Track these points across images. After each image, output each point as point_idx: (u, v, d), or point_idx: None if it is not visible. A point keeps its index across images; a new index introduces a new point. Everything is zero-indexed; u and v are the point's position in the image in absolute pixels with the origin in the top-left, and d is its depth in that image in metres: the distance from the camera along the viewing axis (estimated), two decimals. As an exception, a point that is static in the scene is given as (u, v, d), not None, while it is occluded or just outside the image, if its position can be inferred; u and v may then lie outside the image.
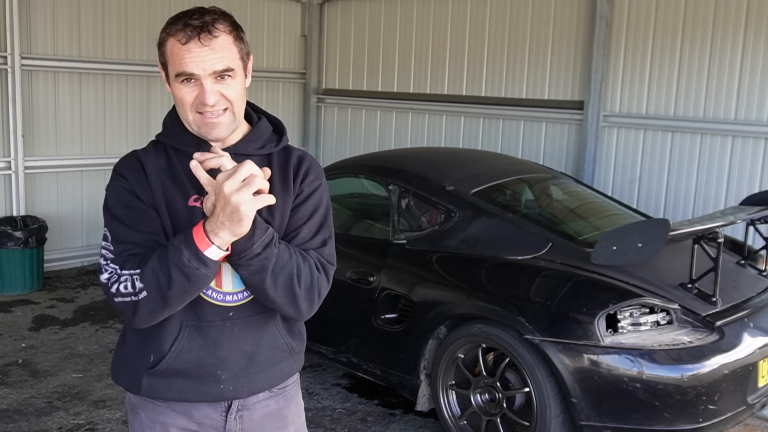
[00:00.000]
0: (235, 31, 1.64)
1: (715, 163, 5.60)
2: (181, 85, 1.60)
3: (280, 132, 1.79)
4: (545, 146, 6.63)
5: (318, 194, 1.76)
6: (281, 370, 1.80)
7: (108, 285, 1.59)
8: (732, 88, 5.47)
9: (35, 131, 6.54)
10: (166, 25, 1.65)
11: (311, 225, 1.71)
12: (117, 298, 1.57)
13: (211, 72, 1.58)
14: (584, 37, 6.27)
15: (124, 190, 1.66)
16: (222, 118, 1.62)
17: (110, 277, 1.59)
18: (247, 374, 1.73)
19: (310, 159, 1.80)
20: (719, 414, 3.22)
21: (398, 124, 7.81)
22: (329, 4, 8.37)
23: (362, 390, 4.47)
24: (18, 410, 4.04)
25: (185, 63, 1.57)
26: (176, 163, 1.69)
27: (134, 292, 1.55)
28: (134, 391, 1.75)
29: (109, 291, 1.59)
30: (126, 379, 1.76)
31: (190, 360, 1.68)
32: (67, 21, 6.60)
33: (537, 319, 3.34)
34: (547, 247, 3.74)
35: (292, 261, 1.62)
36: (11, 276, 6.05)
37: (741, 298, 3.64)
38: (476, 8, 7.04)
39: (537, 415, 3.34)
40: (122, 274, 1.57)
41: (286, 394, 1.85)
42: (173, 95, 1.64)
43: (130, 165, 1.70)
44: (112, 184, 1.69)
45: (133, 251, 1.60)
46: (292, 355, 1.82)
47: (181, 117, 1.66)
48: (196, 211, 1.63)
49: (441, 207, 4.09)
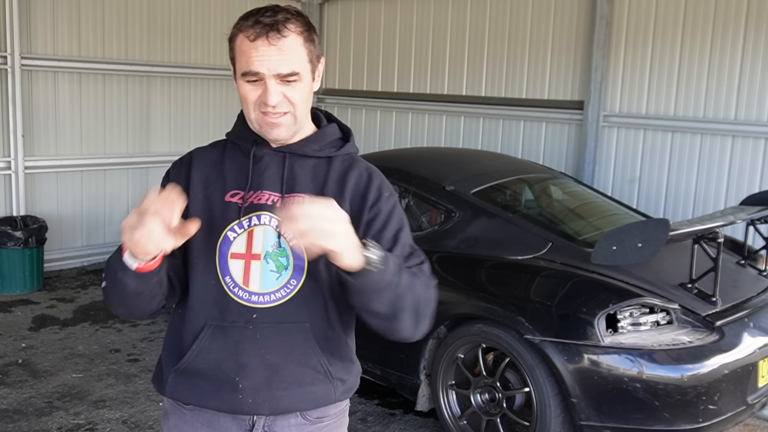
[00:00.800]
0: (307, 32, 1.58)
1: (715, 163, 5.60)
2: (246, 83, 1.56)
3: (346, 138, 1.73)
4: (545, 146, 6.63)
5: (398, 212, 1.67)
6: (313, 394, 1.64)
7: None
8: (732, 88, 5.47)
9: (35, 131, 6.53)
10: (239, 20, 1.60)
11: (401, 246, 1.61)
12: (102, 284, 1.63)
13: (276, 73, 1.53)
14: (584, 37, 6.27)
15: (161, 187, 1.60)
16: (283, 119, 1.58)
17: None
18: (269, 388, 1.60)
19: (380, 175, 1.70)
20: (719, 414, 3.22)
21: (398, 124, 7.81)
22: (329, 4, 8.36)
23: (362, 390, 4.45)
24: (18, 410, 4.04)
25: (251, 61, 1.53)
26: (227, 157, 1.68)
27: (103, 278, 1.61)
28: (161, 391, 1.72)
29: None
30: (157, 380, 1.75)
31: (210, 361, 1.61)
32: (67, 21, 6.60)
33: (537, 319, 3.34)
34: (547, 247, 3.74)
35: (414, 286, 1.55)
36: (11, 276, 6.05)
37: (741, 298, 3.64)
38: (476, 8, 7.04)
39: (537, 415, 3.34)
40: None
41: (325, 426, 1.69)
42: (238, 92, 1.60)
43: (180, 160, 1.73)
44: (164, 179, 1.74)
45: None
46: (329, 380, 1.65)
47: (245, 114, 1.63)
48: (232, 207, 1.60)
49: (441, 207, 4.09)
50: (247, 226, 1.60)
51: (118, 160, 7.10)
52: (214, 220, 1.60)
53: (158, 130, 7.35)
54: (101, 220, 7.06)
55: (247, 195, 1.61)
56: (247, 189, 1.61)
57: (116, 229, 7.16)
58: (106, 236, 7.11)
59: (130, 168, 7.20)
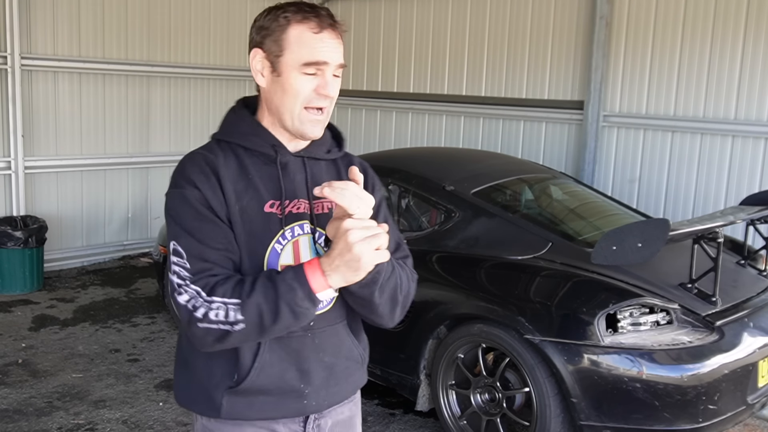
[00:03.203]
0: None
1: (715, 163, 5.60)
2: (303, 75, 1.54)
3: (340, 138, 1.78)
4: (545, 146, 6.63)
5: (385, 205, 1.73)
6: (354, 382, 1.77)
7: (190, 308, 1.46)
8: (732, 88, 5.47)
9: (35, 131, 6.54)
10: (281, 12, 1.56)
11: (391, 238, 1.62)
12: (202, 323, 1.45)
13: (338, 64, 1.58)
14: (584, 37, 6.27)
15: (196, 200, 1.53)
16: (323, 116, 1.60)
17: (192, 300, 1.47)
18: (327, 387, 1.67)
19: (371, 168, 1.77)
20: (719, 414, 3.22)
21: (398, 124, 7.82)
22: (329, 4, 8.36)
23: (362, 390, 4.45)
24: (18, 410, 4.04)
25: (319, 51, 1.54)
26: (249, 165, 1.59)
27: (229, 322, 1.44)
28: (213, 415, 1.63)
29: (191, 315, 1.46)
30: (201, 404, 1.65)
31: (272, 375, 1.59)
32: (67, 21, 6.60)
33: (537, 319, 3.34)
34: (547, 247, 3.74)
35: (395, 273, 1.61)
36: (11, 276, 6.05)
37: (741, 298, 3.64)
38: (476, 8, 7.04)
39: (537, 415, 3.34)
40: (212, 301, 1.45)
41: (356, 401, 1.84)
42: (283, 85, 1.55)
43: (200, 170, 1.55)
44: (178, 192, 1.54)
45: (213, 272, 1.49)
46: (362, 365, 1.79)
47: (282, 110, 1.57)
48: (273, 218, 1.58)
49: (441, 207, 4.09)
50: (290, 237, 1.60)
51: (118, 160, 7.10)
52: (257, 233, 1.57)
53: (158, 131, 7.35)
54: (101, 220, 7.06)
55: (284, 204, 1.60)
56: (283, 198, 1.59)
57: (116, 229, 7.18)
58: (106, 236, 7.12)
59: (130, 168, 7.20)
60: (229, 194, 1.55)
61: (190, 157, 1.61)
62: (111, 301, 5.97)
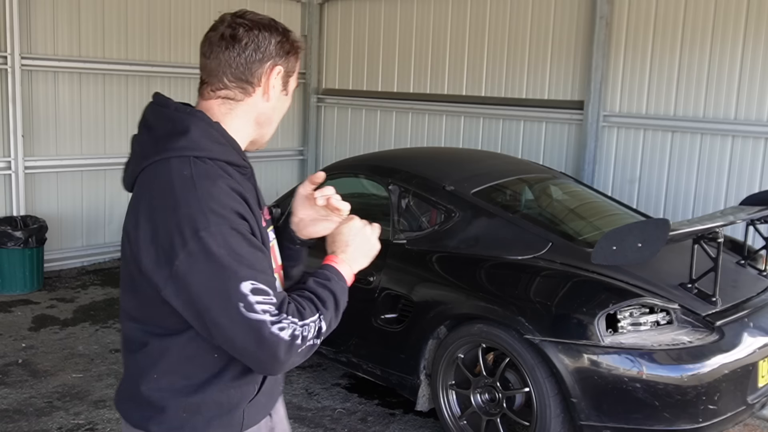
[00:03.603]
0: None
1: (715, 163, 5.60)
2: (288, 97, 1.66)
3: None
4: (545, 146, 6.63)
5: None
6: None
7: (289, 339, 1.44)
8: (732, 88, 5.47)
9: (35, 131, 6.54)
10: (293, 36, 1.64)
11: None
12: (302, 347, 1.48)
13: None
14: (584, 37, 6.27)
15: (247, 231, 1.48)
16: None
17: (292, 330, 1.45)
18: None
19: None
20: (719, 414, 3.22)
21: (398, 124, 7.81)
22: (329, 4, 8.36)
23: (362, 390, 4.47)
24: (18, 410, 4.04)
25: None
26: (240, 182, 1.55)
27: (317, 336, 1.51)
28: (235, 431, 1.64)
29: (292, 343, 1.45)
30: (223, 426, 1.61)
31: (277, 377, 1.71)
32: (67, 21, 6.60)
33: (537, 319, 3.34)
34: (547, 247, 3.74)
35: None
36: (11, 276, 6.05)
37: (741, 298, 3.64)
38: (476, 8, 7.04)
39: (537, 415, 3.34)
40: (306, 324, 1.49)
41: None
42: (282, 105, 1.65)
43: (235, 199, 1.49)
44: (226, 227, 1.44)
45: (287, 298, 1.50)
46: None
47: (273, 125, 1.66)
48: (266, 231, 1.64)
49: (441, 207, 4.09)
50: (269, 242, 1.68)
51: (118, 160, 7.04)
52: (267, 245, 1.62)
53: (158, 130, 7.34)
54: (101, 220, 7.06)
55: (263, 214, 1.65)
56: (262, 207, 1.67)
57: (116, 229, 7.17)
58: (106, 236, 7.11)
59: (130, 168, 7.19)
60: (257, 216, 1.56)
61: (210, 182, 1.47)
62: (111, 301, 5.97)
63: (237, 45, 1.55)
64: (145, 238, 1.47)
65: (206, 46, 1.58)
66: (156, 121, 1.58)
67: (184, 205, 1.43)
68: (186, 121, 1.54)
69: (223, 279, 1.41)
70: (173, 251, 1.42)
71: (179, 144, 1.50)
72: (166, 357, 1.56)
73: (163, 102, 1.60)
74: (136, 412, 1.62)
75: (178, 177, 1.46)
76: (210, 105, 1.59)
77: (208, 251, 1.40)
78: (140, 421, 1.61)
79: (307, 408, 4.22)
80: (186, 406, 1.57)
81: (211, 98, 1.59)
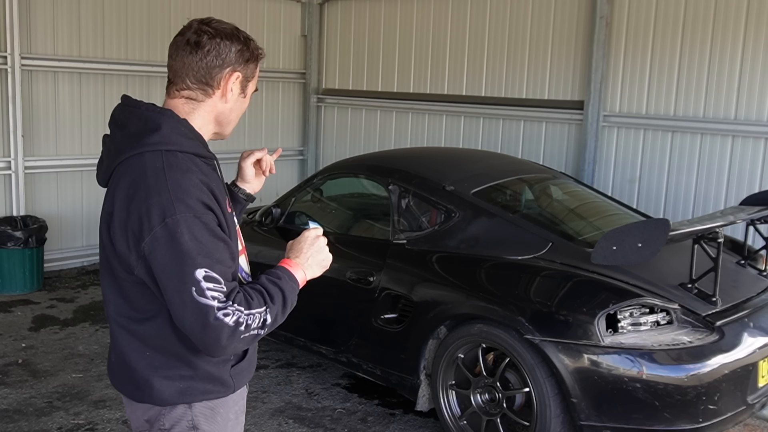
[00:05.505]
0: None
1: (715, 163, 5.60)
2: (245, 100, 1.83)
3: None
4: (545, 146, 6.63)
5: None
6: None
7: (233, 325, 1.59)
8: (732, 88, 5.47)
9: (35, 131, 6.54)
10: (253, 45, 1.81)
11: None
12: (245, 334, 1.61)
13: None
14: (584, 37, 6.27)
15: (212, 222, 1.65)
16: None
17: (237, 317, 1.59)
18: None
19: None
20: (719, 414, 3.22)
21: (398, 124, 7.81)
22: (329, 4, 8.36)
23: (362, 390, 4.47)
24: (18, 410, 4.04)
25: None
26: (207, 174, 1.72)
27: (261, 326, 1.65)
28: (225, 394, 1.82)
29: (235, 329, 1.59)
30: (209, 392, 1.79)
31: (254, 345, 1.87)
32: (67, 21, 6.60)
33: (537, 319, 3.34)
34: (547, 247, 3.74)
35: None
36: (11, 276, 6.05)
37: (741, 298, 3.64)
38: (476, 8, 7.04)
39: (537, 415, 3.34)
40: (251, 313, 1.62)
41: None
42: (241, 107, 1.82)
43: (203, 191, 1.65)
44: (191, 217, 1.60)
45: (237, 289, 1.65)
46: None
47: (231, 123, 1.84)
48: (231, 218, 1.80)
49: (441, 207, 4.09)
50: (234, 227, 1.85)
51: (118, 160, 7.09)
52: (233, 231, 1.78)
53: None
54: (101, 220, 7.05)
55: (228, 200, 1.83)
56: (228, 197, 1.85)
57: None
58: (106, 236, 7.10)
59: (130, 168, 7.19)
60: (223, 207, 1.71)
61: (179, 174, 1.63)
62: (111, 301, 5.96)
63: (200, 51, 1.73)
64: (120, 224, 1.63)
65: (173, 49, 1.80)
66: (128, 120, 1.75)
67: (155, 194, 1.59)
68: (157, 119, 1.72)
69: (180, 263, 1.57)
70: (141, 234, 1.59)
71: (152, 140, 1.68)
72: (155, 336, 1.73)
73: (134, 103, 1.79)
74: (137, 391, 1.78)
75: (151, 169, 1.63)
76: (176, 104, 1.78)
77: (171, 236, 1.57)
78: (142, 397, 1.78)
79: (307, 408, 4.22)
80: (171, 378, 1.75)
81: (176, 97, 1.78)
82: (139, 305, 1.71)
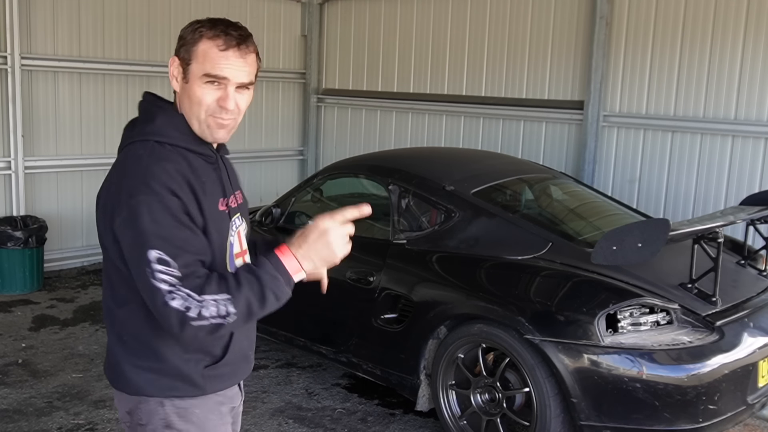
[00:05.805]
0: (257, 51, 1.81)
1: (715, 163, 5.60)
2: (205, 86, 1.70)
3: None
4: (545, 146, 6.63)
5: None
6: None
7: (182, 310, 1.55)
8: (732, 88, 5.47)
9: (35, 131, 6.53)
10: (198, 26, 1.74)
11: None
12: (196, 321, 1.56)
13: (239, 82, 1.72)
14: (584, 37, 6.27)
15: (177, 208, 1.62)
16: (229, 122, 1.75)
17: (184, 302, 1.56)
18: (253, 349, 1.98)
19: None
20: (719, 414, 3.22)
21: (398, 124, 7.81)
22: (329, 4, 8.36)
23: (362, 390, 4.47)
24: (18, 410, 4.04)
25: (221, 67, 1.68)
26: (198, 168, 1.72)
27: (221, 315, 1.57)
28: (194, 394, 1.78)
29: (184, 315, 1.55)
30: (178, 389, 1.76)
31: (238, 348, 1.83)
32: (67, 21, 6.59)
33: (537, 319, 3.34)
34: (547, 247, 3.74)
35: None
36: (11, 276, 6.05)
37: (741, 298, 3.64)
38: (476, 8, 7.04)
39: (537, 415, 3.34)
40: (203, 300, 1.57)
41: None
42: (189, 93, 1.72)
43: (173, 177, 1.64)
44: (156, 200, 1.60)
45: (198, 274, 1.60)
46: None
47: (189, 114, 1.74)
48: (224, 215, 1.77)
49: (441, 207, 4.09)
50: (235, 229, 1.83)
51: (118, 160, 7.09)
52: (221, 231, 1.76)
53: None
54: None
55: (228, 200, 1.81)
56: (226, 195, 1.80)
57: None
58: (106, 236, 7.10)
59: (130, 168, 7.19)
60: (201, 200, 1.68)
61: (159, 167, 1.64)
62: (111, 301, 5.96)
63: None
64: (101, 208, 1.72)
65: None
66: (138, 114, 1.81)
67: (129, 177, 1.64)
68: (154, 112, 1.77)
69: (138, 243, 1.59)
70: (114, 215, 1.64)
71: (146, 130, 1.74)
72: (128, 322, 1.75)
73: (147, 98, 1.83)
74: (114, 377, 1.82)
75: (132, 156, 1.69)
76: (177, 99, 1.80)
77: (133, 216, 1.59)
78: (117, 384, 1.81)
79: (307, 408, 4.22)
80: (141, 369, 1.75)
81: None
82: (118, 291, 1.74)
